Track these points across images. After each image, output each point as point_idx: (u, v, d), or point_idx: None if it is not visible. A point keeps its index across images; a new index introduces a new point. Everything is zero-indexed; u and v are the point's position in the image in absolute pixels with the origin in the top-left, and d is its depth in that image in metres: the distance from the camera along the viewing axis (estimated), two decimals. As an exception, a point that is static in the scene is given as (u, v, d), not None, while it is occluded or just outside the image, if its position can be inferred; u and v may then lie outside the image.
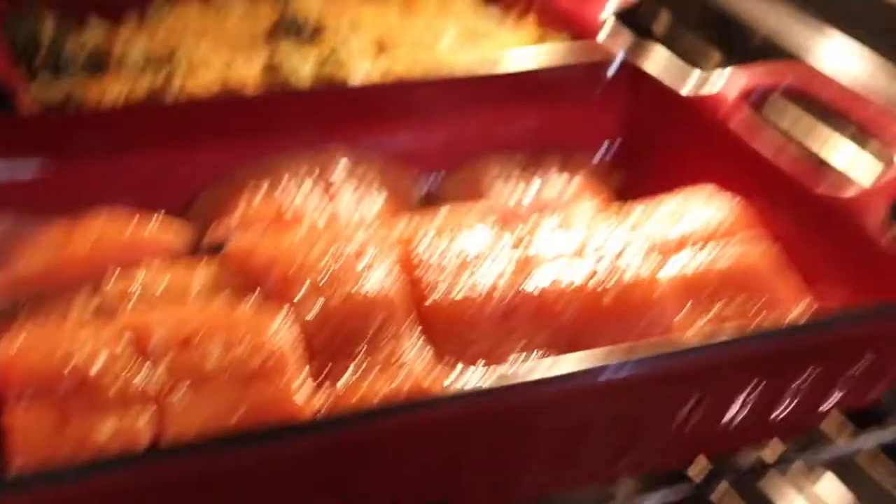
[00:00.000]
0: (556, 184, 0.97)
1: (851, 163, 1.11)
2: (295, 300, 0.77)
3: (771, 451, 0.83)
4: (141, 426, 0.69)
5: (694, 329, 0.81)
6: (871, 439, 0.87)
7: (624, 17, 1.14)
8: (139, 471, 0.61)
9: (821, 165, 1.09)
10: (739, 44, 1.34)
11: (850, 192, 0.85)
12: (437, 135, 1.00)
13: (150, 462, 0.62)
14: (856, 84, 1.13)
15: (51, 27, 1.10)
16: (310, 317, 0.76)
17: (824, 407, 0.78)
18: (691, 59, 1.31)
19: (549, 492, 0.78)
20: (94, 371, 0.70)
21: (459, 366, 0.77)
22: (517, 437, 0.71)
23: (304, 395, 0.72)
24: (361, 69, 1.08)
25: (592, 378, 0.69)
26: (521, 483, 0.75)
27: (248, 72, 1.08)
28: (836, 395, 0.77)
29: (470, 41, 1.14)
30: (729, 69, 1.00)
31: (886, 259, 0.81)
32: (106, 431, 0.68)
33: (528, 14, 1.20)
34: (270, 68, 1.08)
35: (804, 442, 0.85)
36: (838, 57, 1.16)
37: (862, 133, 0.97)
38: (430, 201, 0.98)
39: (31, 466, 0.66)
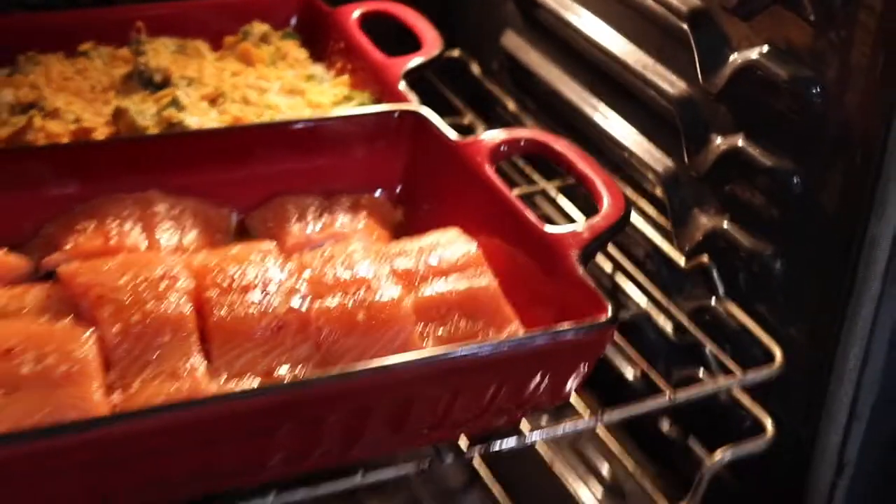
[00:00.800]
0: (341, 221, 1.17)
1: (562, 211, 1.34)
2: (103, 318, 0.96)
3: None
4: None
5: (428, 342, 1.02)
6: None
7: (418, 74, 1.34)
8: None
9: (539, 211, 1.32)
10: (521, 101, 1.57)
11: (557, 235, 1.07)
12: (249, 177, 1.19)
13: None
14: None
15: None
16: (112, 332, 0.96)
17: (525, 402, 0.99)
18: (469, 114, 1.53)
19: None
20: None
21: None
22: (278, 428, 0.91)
23: (100, 398, 0.91)
24: (196, 118, 1.27)
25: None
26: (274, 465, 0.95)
27: (98, 120, 1.26)
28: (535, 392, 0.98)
29: (289, 95, 1.33)
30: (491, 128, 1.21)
31: (580, 289, 1.02)
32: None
33: (343, 72, 1.39)
34: (118, 116, 1.26)
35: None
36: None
37: (578, 186, 1.18)
38: (241, 235, 1.18)
39: None
